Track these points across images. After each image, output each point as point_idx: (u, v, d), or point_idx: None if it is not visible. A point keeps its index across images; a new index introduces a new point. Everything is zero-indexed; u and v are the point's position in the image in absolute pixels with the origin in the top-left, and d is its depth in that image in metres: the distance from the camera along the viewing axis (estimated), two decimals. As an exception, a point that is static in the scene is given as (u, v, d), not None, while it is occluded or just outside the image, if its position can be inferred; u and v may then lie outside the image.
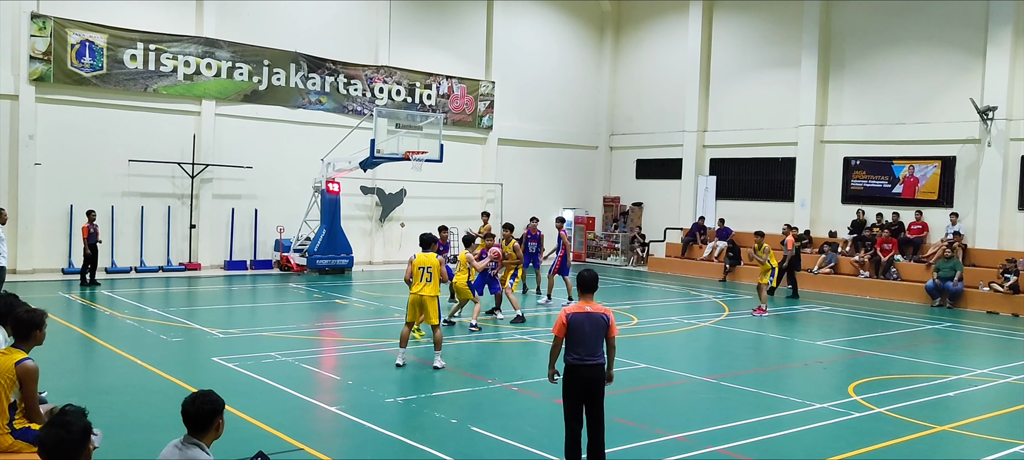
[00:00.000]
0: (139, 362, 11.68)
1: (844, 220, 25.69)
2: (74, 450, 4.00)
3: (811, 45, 26.48)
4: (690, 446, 8.39)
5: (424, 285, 11.71)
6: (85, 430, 4.09)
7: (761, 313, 18.38)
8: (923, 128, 24.12)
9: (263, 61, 24.59)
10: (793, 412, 9.96)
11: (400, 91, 27.64)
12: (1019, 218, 22.32)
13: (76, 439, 4.02)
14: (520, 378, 11.29)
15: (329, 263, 23.70)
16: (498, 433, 8.59)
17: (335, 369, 12.11)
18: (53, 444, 3.97)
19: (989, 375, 12.80)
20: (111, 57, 22.02)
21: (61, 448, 3.98)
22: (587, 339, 7.10)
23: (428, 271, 11.74)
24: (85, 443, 4.07)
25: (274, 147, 24.87)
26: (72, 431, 4.02)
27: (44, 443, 4.00)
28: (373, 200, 27.46)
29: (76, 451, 4.01)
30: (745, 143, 28.65)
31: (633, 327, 16.22)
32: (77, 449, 4.02)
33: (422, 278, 11.73)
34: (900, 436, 9.05)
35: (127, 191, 22.58)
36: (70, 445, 4.00)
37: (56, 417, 4.14)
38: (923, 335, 16.92)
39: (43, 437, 4.04)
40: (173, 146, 23.14)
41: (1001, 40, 22.34)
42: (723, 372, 12.37)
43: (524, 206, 30.83)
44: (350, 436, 8.73)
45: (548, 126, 31.88)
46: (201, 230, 23.81)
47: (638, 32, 32.76)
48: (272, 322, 15.92)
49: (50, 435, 4.01)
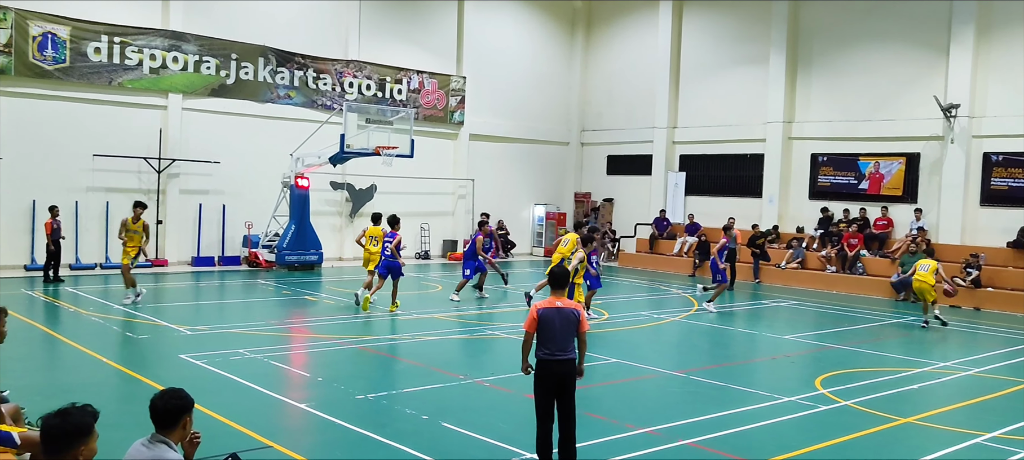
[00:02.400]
0: (105, 360, 11.51)
1: (812, 216, 26.00)
2: (67, 441, 4.08)
3: (779, 42, 26.76)
4: (660, 440, 8.45)
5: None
6: (82, 427, 4.14)
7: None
8: (888, 125, 24.48)
9: (231, 55, 24.32)
10: (761, 406, 10.06)
11: (370, 86, 27.48)
12: (981, 214, 22.74)
13: (70, 432, 4.10)
14: (491, 373, 11.29)
15: (298, 259, 23.52)
16: (469, 429, 8.58)
17: (305, 366, 12.03)
18: (48, 430, 4.11)
19: (952, 367, 13.02)
20: (74, 50, 21.65)
21: (54, 435, 4.09)
22: (557, 335, 7.11)
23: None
24: (80, 439, 4.11)
25: (242, 142, 24.62)
26: (68, 422, 4.11)
27: (43, 429, 4.14)
28: (343, 196, 27.29)
29: (69, 442, 4.08)
30: (714, 139, 28.90)
31: (604, 322, 16.29)
32: (71, 441, 4.08)
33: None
34: (866, 428, 9.18)
35: (91, 186, 22.22)
36: (63, 435, 4.08)
37: (61, 408, 4.23)
38: (888, 329, 17.17)
39: (45, 421, 4.16)
40: (139, 141, 22.81)
41: (964, 39, 22.73)
42: (692, 366, 12.47)
43: (496, 202, 30.89)
44: (320, 433, 8.68)
45: (520, 122, 31.90)
46: (168, 226, 23.51)
47: (609, 29, 32.87)
48: (241, 319, 15.75)
49: (49, 421, 4.13)
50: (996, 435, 9.02)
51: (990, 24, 22.60)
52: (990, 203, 22.59)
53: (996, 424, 9.47)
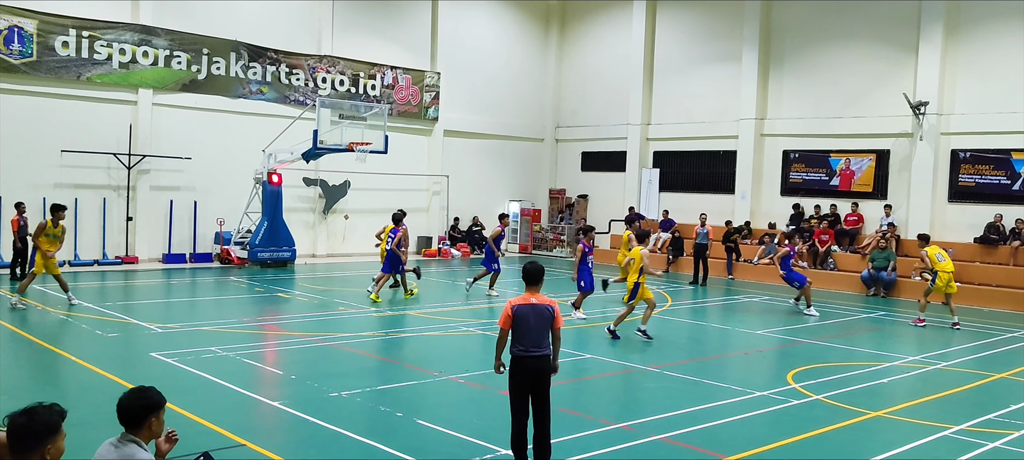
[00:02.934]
0: (73, 358, 11.36)
1: (784, 212, 26.24)
2: (34, 440, 4.00)
3: (752, 40, 26.97)
4: (634, 435, 8.49)
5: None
6: (48, 426, 4.06)
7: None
8: (859, 122, 24.77)
9: (202, 50, 24.06)
10: (734, 400, 10.14)
11: (344, 81, 27.32)
12: (950, 210, 23.09)
13: (37, 431, 4.02)
14: (466, 370, 11.29)
15: (271, 256, 23.34)
16: (444, 425, 8.57)
17: (278, 364, 11.95)
18: (14, 429, 4.02)
19: (921, 362, 13.21)
20: (42, 44, 21.30)
21: (20, 435, 4.00)
22: (532, 330, 7.12)
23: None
24: (47, 437, 4.03)
25: (214, 138, 24.38)
26: (34, 420, 4.03)
27: (9, 428, 4.05)
28: (316, 192, 27.12)
29: (35, 442, 4.01)
30: (688, 136, 29.08)
31: (578, 318, 16.33)
32: (37, 440, 4.01)
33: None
34: (836, 422, 9.29)
35: (59, 183, 21.90)
36: (30, 435, 4.00)
37: (28, 407, 4.15)
38: (858, 323, 17.38)
39: (10, 420, 4.07)
40: (108, 136, 22.51)
41: (932, 37, 23.05)
42: (666, 362, 12.54)
43: (471, 198, 30.88)
44: (294, 431, 8.62)
45: (494, 118, 31.87)
46: (138, 223, 23.23)
47: (583, 26, 32.94)
48: (213, 316, 15.62)
49: (15, 420, 4.04)
50: (963, 428, 9.17)
51: (958, 23, 22.94)
52: (958, 199, 22.95)
53: (963, 417, 9.63)
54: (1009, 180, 22.09)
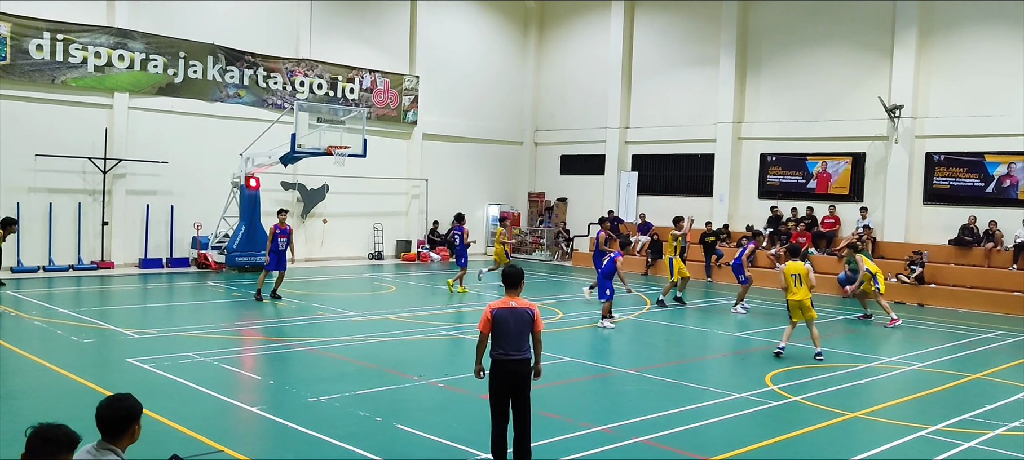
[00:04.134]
0: (48, 365, 11.21)
1: (761, 214, 26.42)
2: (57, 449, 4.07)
3: (729, 44, 27.16)
4: (615, 437, 8.50)
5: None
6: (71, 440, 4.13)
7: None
8: (835, 125, 25.00)
9: (179, 53, 23.87)
10: (713, 402, 10.19)
11: (322, 85, 27.20)
12: (925, 212, 23.35)
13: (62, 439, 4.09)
14: (445, 374, 11.26)
15: (249, 260, 23.16)
16: (423, 430, 8.54)
17: (255, 369, 11.86)
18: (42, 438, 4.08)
19: (897, 363, 13.34)
20: (15, 47, 21.04)
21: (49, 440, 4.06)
22: (512, 334, 7.11)
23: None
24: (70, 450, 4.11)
25: (191, 142, 24.18)
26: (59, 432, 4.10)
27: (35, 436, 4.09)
28: (294, 196, 26.97)
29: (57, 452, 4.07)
30: (666, 140, 29.22)
31: (558, 321, 16.35)
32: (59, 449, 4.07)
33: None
34: (815, 423, 9.36)
35: (34, 187, 21.63)
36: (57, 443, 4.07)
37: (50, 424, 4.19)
38: (835, 325, 17.51)
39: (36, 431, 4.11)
40: (83, 140, 22.27)
41: (906, 41, 23.31)
42: (646, 364, 12.58)
43: (450, 201, 30.81)
44: (272, 436, 8.56)
45: (473, 121, 31.87)
46: (114, 227, 22.99)
47: (561, 29, 33.02)
48: (190, 321, 15.48)
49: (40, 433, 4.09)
50: (939, 428, 9.27)
51: (932, 27, 23.22)
52: (933, 201, 23.22)
53: (939, 417, 9.73)
54: (983, 182, 22.37)
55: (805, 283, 13.28)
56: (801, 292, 13.23)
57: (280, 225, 18.12)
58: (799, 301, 13.25)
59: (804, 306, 13.24)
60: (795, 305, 13.30)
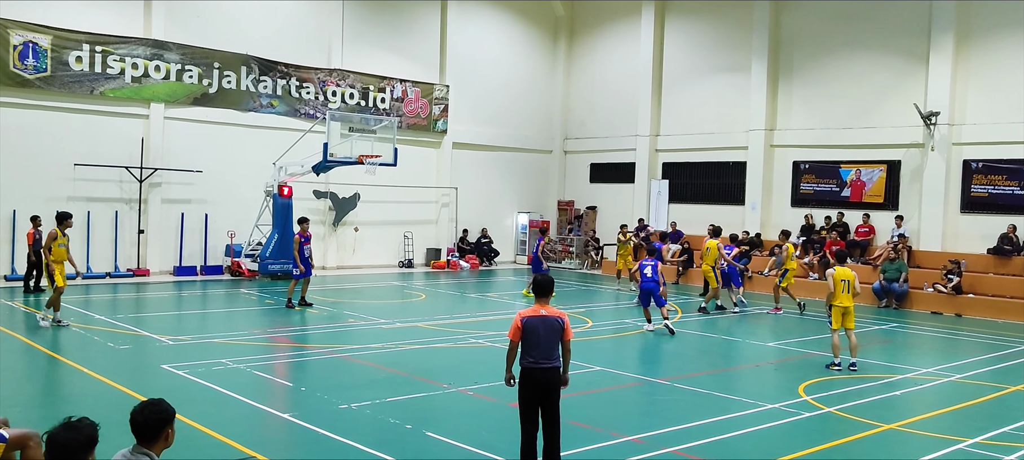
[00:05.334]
0: (85, 370, 11.40)
1: (794, 223, 26.13)
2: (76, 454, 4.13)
3: (761, 50, 26.93)
4: (645, 448, 8.45)
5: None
6: (91, 438, 4.21)
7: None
8: (869, 133, 24.67)
9: (213, 63, 24.21)
10: (745, 413, 10.08)
11: (353, 94, 27.42)
12: (962, 221, 22.95)
13: (82, 441, 4.16)
14: (475, 382, 11.27)
15: (281, 268, 23.37)
16: (453, 437, 8.55)
17: (287, 375, 11.96)
18: (60, 442, 4.14)
19: (934, 374, 13.11)
20: (56, 59, 21.48)
21: (68, 445, 4.13)
22: (542, 342, 7.11)
23: None
24: (89, 450, 4.17)
25: (225, 151, 24.49)
26: (80, 434, 4.18)
27: (53, 440, 4.16)
28: (326, 204, 27.19)
29: (76, 455, 4.14)
30: (697, 147, 29.03)
31: (588, 330, 16.30)
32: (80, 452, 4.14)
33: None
34: (849, 435, 9.22)
35: (73, 196, 22.02)
36: (77, 445, 4.13)
37: (69, 421, 4.27)
38: (870, 336, 17.26)
39: (53, 434, 4.18)
40: (120, 150, 22.65)
41: (943, 47, 22.95)
42: (677, 374, 12.49)
43: (479, 210, 30.91)
44: (303, 443, 8.62)
45: (503, 130, 31.91)
46: (150, 235, 23.34)
47: (591, 37, 32.98)
48: (223, 328, 15.66)
49: (59, 434, 4.16)
50: (978, 441, 9.09)
51: (969, 32, 22.84)
52: (970, 210, 22.81)
53: (978, 430, 9.54)
54: (1023, 190, 21.94)
55: (852, 290, 13.08)
56: (847, 299, 13.03)
57: (304, 233, 18.35)
58: (846, 308, 13.04)
59: (848, 313, 13.05)
60: (839, 312, 13.05)
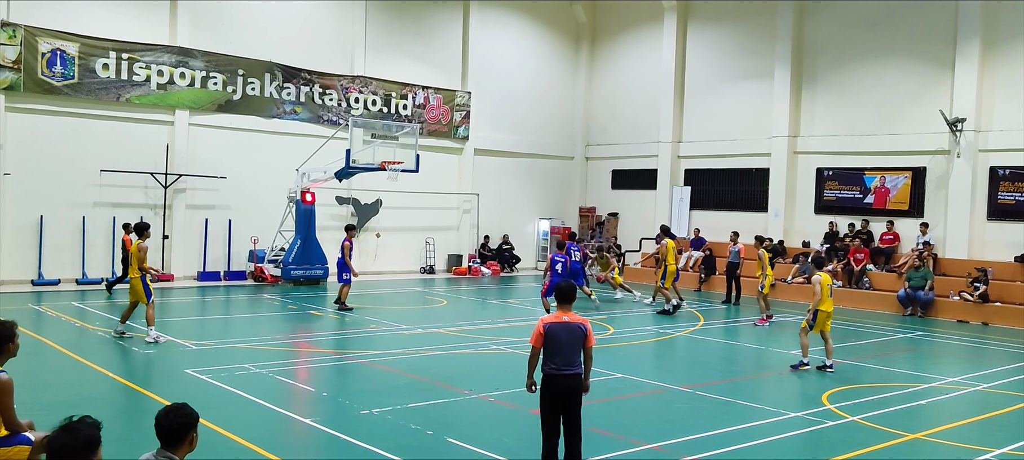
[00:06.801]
0: (110, 374, 11.52)
1: (817, 230, 25.94)
2: (77, 455, 4.05)
3: (784, 56, 26.78)
4: (666, 455, 8.41)
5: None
6: (91, 440, 4.11)
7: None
8: (894, 139, 24.44)
9: (237, 71, 24.44)
10: (768, 421, 10.01)
11: (376, 101, 27.57)
12: (988, 228, 22.66)
13: (80, 446, 4.06)
14: (496, 388, 11.27)
15: (304, 274, 23.53)
16: (474, 444, 8.55)
17: (310, 381, 12.02)
18: (58, 448, 4.05)
19: (960, 383, 12.95)
20: (83, 66, 21.78)
21: (64, 452, 4.04)
22: (564, 349, 7.10)
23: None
24: (89, 452, 4.09)
25: (248, 157, 24.70)
26: (78, 437, 4.07)
27: (51, 446, 4.08)
28: (348, 210, 27.33)
29: (79, 457, 4.05)
30: (719, 154, 28.89)
31: (609, 337, 16.25)
32: (80, 455, 4.06)
33: None
34: (873, 444, 9.12)
35: (98, 202, 22.30)
36: (74, 451, 4.04)
37: (67, 423, 4.19)
38: (895, 344, 17.09)
39: (51, 439, 4.10)
40: (146, 156, 22.90)
41: (969, 53, 22.70)
42: (698, 382, 12.42)
43: (501, 216, 30.93)
44: (325, 448, 8.66)
45: (524, 136, 31.95)
46: (174, 241, 23.56)
47: (613, 43, 32.95)
48: (246, 333, 15.77)
49: (57, 439, 4.08)
50: (1005, 451, 8.96)
51: (995, 38, 22.57)
52: (997, 217, 22.52)
53: (1005, 440, 9.41)
54: (1050, 198, 21.64)
55: (833, 294, 13.73)
56: (830, 303, 13.58)
57: (351, 238, 19.64)
58: (829, 313, 13.56)
59: (829, 317, 13.58)
60: (824, 316, 13.50)
